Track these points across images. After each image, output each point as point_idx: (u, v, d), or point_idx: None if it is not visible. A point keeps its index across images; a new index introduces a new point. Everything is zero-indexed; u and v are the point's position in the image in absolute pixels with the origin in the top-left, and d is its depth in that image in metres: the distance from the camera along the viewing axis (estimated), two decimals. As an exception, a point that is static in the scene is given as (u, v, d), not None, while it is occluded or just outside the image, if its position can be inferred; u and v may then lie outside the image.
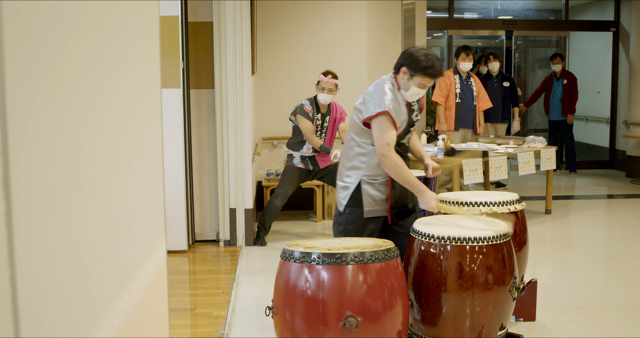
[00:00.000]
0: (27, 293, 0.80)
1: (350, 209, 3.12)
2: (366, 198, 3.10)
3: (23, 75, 0.79)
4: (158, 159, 1.65)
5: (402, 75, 3.03)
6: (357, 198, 3.11)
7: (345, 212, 3.14)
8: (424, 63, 2.95)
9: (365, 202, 3.10)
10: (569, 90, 8.48)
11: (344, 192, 3.15)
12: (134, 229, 1.36)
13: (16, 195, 0.77)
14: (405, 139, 3.16)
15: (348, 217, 3.13)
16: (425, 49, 3.03)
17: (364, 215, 3.10)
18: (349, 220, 3.13)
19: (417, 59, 2.97)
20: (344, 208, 3.15)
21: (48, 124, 0.87)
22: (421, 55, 2.98)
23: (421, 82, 2.99)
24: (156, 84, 1.63)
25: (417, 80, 2.98)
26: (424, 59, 2.96)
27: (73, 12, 0.97)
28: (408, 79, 3.01)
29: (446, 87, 6.68)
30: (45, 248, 0.86)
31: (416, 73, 2.97)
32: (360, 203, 3.11)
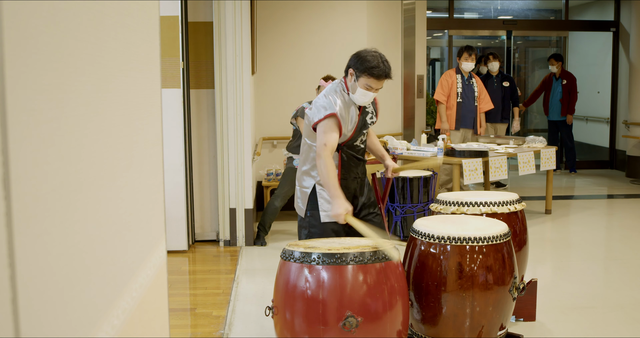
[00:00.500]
0: (27, 293, 0.80)
1: (310, 212, 3.09)
2: (321, 201, 3.06)
3: (23, 75, 0.79)
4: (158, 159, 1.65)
5: (349, 77, 2.99)
6: (313, 202, 3.07)
7: (307, 215, 3.11)
8: (368, 63, 2.90)
9: (320, 205, 3.06)
10: (568, 91, 8.48)
11: (303, 196, 3.12)
12: (134, 229, 1.36)
13: (16, 195, 0.77)
14: (358, 140, 3.11)
15: (310, 220, 3.10)
16: (374, 51, 2.98)
17: (322, 219, 3.05)
18: (311, 223, 3.10)
19: (363, 59, 2.92)
20: (304, 212, 3.11)
21: (48, 124, 0.87)
22: (368, 55, 2.93)
23: (366, 83, 2.92)
24: (156, 84, 1.63)
25: (362, 81, 2.92)
26: (370, 59, 2.90)
27: (73, 12, 0.97)
28: (355, 80, 2.95)
29: (448, 86, 6.68)
30: (45, 248, 0.86)
31: (361, 74, 2.91)
32: (316, 206, 3.06)
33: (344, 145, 3.05)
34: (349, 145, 3.07)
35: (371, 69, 2.89)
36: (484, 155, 5.51)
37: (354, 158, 3.10)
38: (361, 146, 3.15)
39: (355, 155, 3.11)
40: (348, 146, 3.07)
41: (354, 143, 3.09)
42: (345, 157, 3.07)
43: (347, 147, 3.07)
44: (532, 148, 6.14)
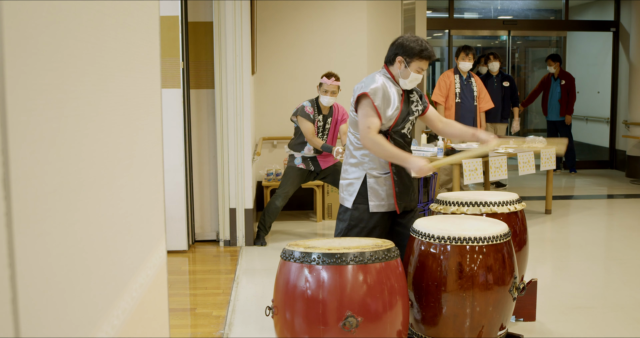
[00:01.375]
0: (27, 293, 0.80)
1: (356, 205, 3.14)
2: (372, 192, 3.12)
3: (23, 75, 0.79)
4: (158, 159, 1.65)
5: (397, 65, 3.10)
6: (363, 194, 3.13)
7: (350, 208, 3.15)
8: (417, 48, 3.06)
9: (370, 197, 3.12)
10: (567, 91, 8.48)
11: (350, 188, 3.17)
12: (134, 229, 1.36)
13: (16, 195, 0.77)
14: (405, 129, 3.16)
15: (352, 213, 3.15)
16: (413, 35, 3.13)
17: (370, 210, 3.12)
18: (353, 216, 3.14)
19: (409, 46, 3.07)
20: (351, 204, 3.15)
21: (48, 124, 0.87)
22: (412, 41, 3.08)
23: (419, 66, 3.08)
24: (156, 84, 1.63)
25: (414, 65, 3.07)
26: (416, 44, 3.06)
27: (73, 12, 0.97)
28: (405, 66, 3.08)
29: (446, 87, 6.68)
30: (45, 248, 0.86)
31: (412, 59, 3.06)
32: (366, 199, 3.13)
33: (391, 130, 3.09)
34: (397, 132, 3.11)
35: (421, 52, 3.07)
36: (484, 155, 5.51)
37: (403, 145, 3.14)
38: (408, 136, 3.20)
39: (403, 142, 3.15)
40: (396, 132, 3.11)
41: (402, 131, 3.13)
42: (395, 143, 3.11)
43: (395, 133, 3.11)
44: (532, 148, 6.14)
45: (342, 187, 3.23)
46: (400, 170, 3.12)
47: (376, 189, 3.12)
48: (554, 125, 8.71)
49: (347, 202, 3.18)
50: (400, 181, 3.13)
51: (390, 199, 3.14)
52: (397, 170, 3.11)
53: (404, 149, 3.15)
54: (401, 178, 3.13)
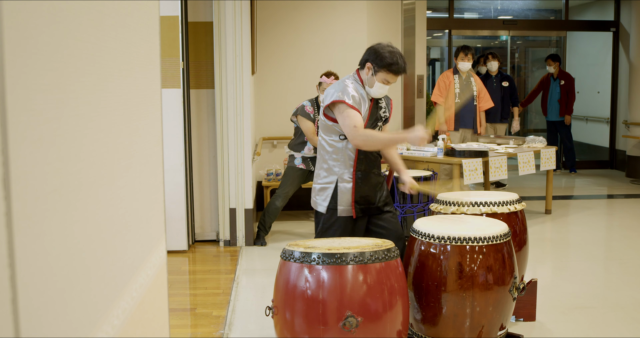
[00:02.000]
0: (27, 293, 0.80)
1: (329, 210, 3.12)
2: (341, 196, 3.10)
3: (23, 75, 0.79)
4: (158, 159, 1.65)
5: (366, 71, 3.07)
6: (335, 198, 3.11)
7: (327, 211, 3.13)
8: (387, 60, 3.00)
9: (339, 201, 3.10)
10: (566, 91, 8.48)
11: (323, 193, 3.14)
12: (134, 229, 1.36)
13: (16, 195, 0.77)
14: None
15: (325, 216, 3.14)
16: (390, 46, 3.07)
17: (337, 214, 3.10)
18: (325, 220, 3.13)
19: (381, 56, 3.01)
20: (325, 208, 3.13)
21: (48, 124, 0.87)
22: (386, 51, 3.02)
23: (384, 78, 3.03)
24: (156, 84, 1.63)
25: (380, 76, 3.03)
26: (389, 56, 3.00)
27: (73, 12, 0.97)
28: (372, 74, 3.05)
29: (445, 87, 6.68)
30: (45, 248, 0.86)
31: (380, 69, 3.02)
32: (336, 203, 3.11)
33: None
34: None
35: (390, 66, 3.00)
36: (484, 155, 5.51)
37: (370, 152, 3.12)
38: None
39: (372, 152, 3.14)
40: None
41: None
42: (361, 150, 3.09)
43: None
44: (532, 148, 6.14)
45: (315, 191, 3.19)
46: (366, 174, 3.10)
47: (345, 193, 3.09)
48: (553, 125, 8.71)
49: (321, 206, 3.15)
50: (363, 185, 3.09)
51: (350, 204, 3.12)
52: (362, 174, 3.09)
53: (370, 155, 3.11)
54: (365, 182, 3.10)
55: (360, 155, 3.08)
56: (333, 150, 3.12)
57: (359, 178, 3.09)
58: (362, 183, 3.10)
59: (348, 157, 3.09)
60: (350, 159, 3.08)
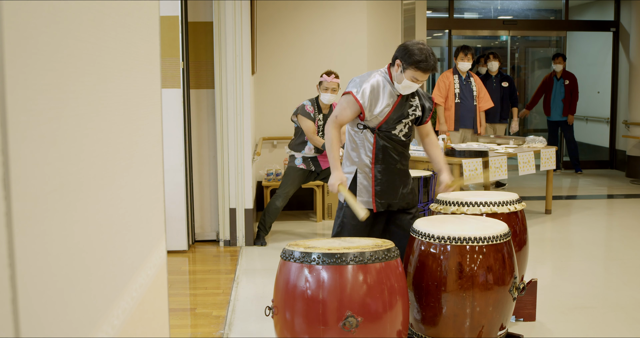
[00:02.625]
0: (27, 293, 0.80)
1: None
2: (360, 189, 3.12)
3: (23, 75, 0.79)
4: (158, 159, 1.65)
5: (396, 68, 3.08)
6: (353, 190, 3.13)
7: (344, 205, 3.15)
8: (416, 57, 2.98)
9: (359, 193, 3.12)
10: (570, 91, 8.48)
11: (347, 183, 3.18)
12: (134, 229, 1.36)
13: (16, 195, 0.77)
14: (397, 130, 3.14)
15: (345, 210, 3.15)
16: (421, 44, 3.06)
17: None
18: (345, 213, 3.14)
19: (410, 52, 3.01)
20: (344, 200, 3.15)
21: (48, 124, 0.87)
22: (415, 49, 3.01)
23: (413, 76, 3.02)
24: (156, 84, 1.63)
25: (409, 73, 3.02)
26: (418, 53, 2.99)
27: (73, 12, 0.97)
28: (401, 71, 3.05)
29: (445, 88, 6.68)
30: (45, 248, 0.86)
31: (409, 66, 3.00)
32: (355, 193, 3.12)
33: (378, 128, 3.09)
34: (385, 132, 3.10)
35: (419, 63, 2.99)
36: (484, 155, 5.51)
37: (391, 146, 3.12)
38: (401, 138, 3.17)
39: (393, 145, 3.14)
40: (384, 132, 3.10)
41: (392, 131, 3.12)
42: (381, 142, 3.10)
43: (382, 132, 3.10)
44: (532, 148, 6.14)
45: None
46: (387, 167, 3.11)
47: (365, 185, 3.12)
48: (556, 125, 8.69)
49: (341, 196, 3.17)
50: (383, 178, 3.11)
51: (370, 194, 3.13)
52: (382, 168, 3.10)
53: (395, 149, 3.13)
54: (385, 176, 3.11)
55: (378, 146, 3.10)
56: (352, 140, 3.16)
57: (377, 171, 3.10)
58: (382, 176, 3.11)
59: (367, 148, 3.11)
60: (369, 150, 3.11)
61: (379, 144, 3.09)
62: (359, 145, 3.13)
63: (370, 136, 3.10)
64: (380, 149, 3.10)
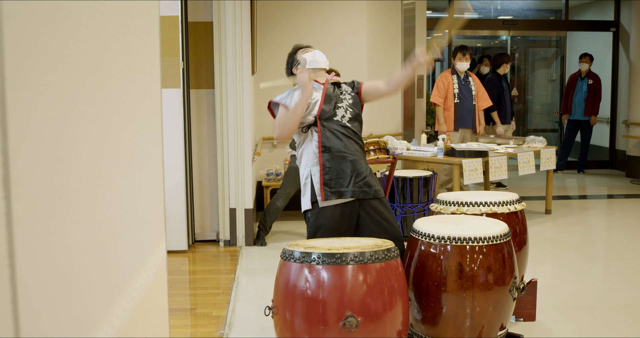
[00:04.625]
0: (27, 293, 0.80)
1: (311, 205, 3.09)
2: (316, 186, 3.07)
3: (23, 75, 0.79)
4: (158, 159, 1.65)
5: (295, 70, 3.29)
6: (312, 191, 3.09)
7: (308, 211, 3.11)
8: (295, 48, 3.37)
9: (316, 191, 3.06)
10: (593, 91, 8.50)
11: (304, 189, 3.13)
12: (134, 229, 1.36)
13: (16, 195, 0.77)
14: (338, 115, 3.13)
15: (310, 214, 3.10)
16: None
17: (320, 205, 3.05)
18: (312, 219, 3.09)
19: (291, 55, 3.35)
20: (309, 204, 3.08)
21: (48, 124, 0.87)
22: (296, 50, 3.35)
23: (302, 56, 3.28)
24: (156, 84, 1.63)
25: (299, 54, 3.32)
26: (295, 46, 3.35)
27: (73, 12, 0.97)
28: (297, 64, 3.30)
29: (444, 88, 6.67)
30: (45, 248, 0.86)
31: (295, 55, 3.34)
32: (314, 194, 3.07)
33: (319, 117, 3.09)
34: (327, 119, 3.10)
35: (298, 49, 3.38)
36: (484, 155, 5.51)
37: (337, 133, 3.09)
38: (345, 123, 3.12)
39: (341, 131, 3.10)
40: (325, 119, 3.10)
41: (333, 117, 3.11)
42: (326, 131, 3.08)
43: (324, 119, 3.10)
44: (532, 148, 6.14)
45: (302, 193, 3.17)
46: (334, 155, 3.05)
47: (316, 180, 3.07)
48: (576, 124, 8.67)
49: (304, 205, 3.12)
50: (331, 167, 3.04)
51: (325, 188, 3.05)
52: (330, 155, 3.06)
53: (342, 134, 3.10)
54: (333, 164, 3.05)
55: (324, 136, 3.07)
56: (301, 147, 3.16)
57: (325, 159, 3.05)
58: (330, 164, 3.05)
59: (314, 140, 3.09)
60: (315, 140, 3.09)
61: (324, 134, 3.07)
62: (308, 146, 3.11)
63: (314, 131, 3.10)
64: (326, 138, 3.06)
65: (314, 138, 3.10)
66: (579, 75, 8.59)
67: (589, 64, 8.49)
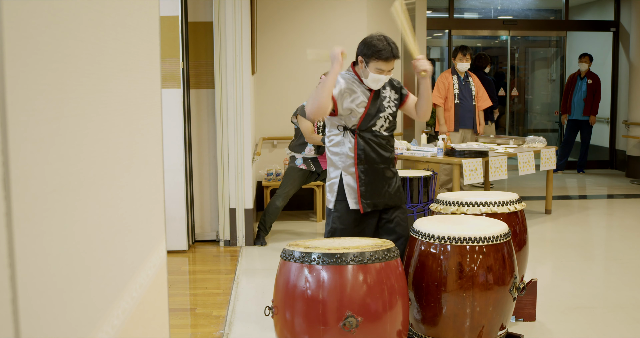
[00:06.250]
0: (27, 293, 0.80)
1: (337, 206, 3.13)
2: (348, 190, 3.11)
3: (23, 75, 0.79)
4: (158, 159, 1.65)
5: (360, 65, 3.07)
6: (342, 192, 3.11)
7: (335, 208, 3.14)
8: (374, 47, 2.98)
9: (347, 195, 3.10)
10: (592, 91, 8.50)
11: (332, 188, 3.17)
12: (134, 229, 1.36)
13: (16, 195, 0.77)
14: (377, 126, 3.12)
15: (334, 214, 3.14)
16: (379, 35, 3.04)
17: (349, 207, 3.10)
18: (335, 218, 3.14)
19: (369, 44, 3.00)
20: (333, 204, 3.15)
21: (48, 124, 0.87)
22: (373, 40, 3.01)
23: (377, 67, 3.00)
24: (156, 84, 1.63)
25: (372, 65, 3.00)
26: (376, 43, 2.98)
27: (73, 12, 0.97)
28: (365, 66, 3.03)
29: (444, 88, 6.67)
30: (45, 248, 0.86)
31: (370, 59, 3.00)
32: (344, 197, 3.11)
33: (359, 127, 3.07)
34: (366, 131, 3.08)
35: (378, 53, 2.97)
36: (484, 155, 5.52)
37: (373, 144, 3.10)
38: (383, 133, 3.14)
39: (376, 141, 3.11)
40: (364, 131, 3.08)
41: (372, 128, 3.10)
42: (362, 142, 3.08)
43: (363, 131, 3.08)
44: (532, 148, 6.14)
45: (327, 189, 3.21)
46: (369, 167, 3.09)
47: (352, 187, 3.10)
48: (576, 124, 8.68)
49: (330, 203, 3.17)
50: (367, 179, 3.09)
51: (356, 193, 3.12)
52: (364, 168, 3.09)
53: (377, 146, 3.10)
54: (369, 176, 3.10)
55: (360, 147, 3.08)
56: (333, 143, 3.14)
57: (361, 171, 3.09)
58: (366, 177, 3.09)
59: (348, 149, 3.09)
60: (350, 150, 3.09)
61: (360, 145, 3.08)
62: (341, 149, 3.11)
63: (351, 138, 3.08)
64: (362, 150, 3.08)
65: (350, 143, 3.09)
66: (579, 75, 8.59)
67: (588, 64, 8.49)
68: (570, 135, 8.72)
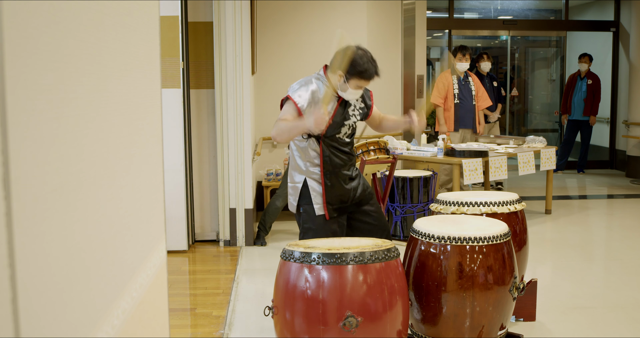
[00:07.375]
0: (27, 293, 0.80)
1: (302, 208, 3.11)
2: (313, 194, 3.08)
3: (23, 75, 0.79)
4: (158, 159, 1.65)
5: (338, 78, 3.00)
6: (306, 196, 3.09)
7: (300, 212, 3.13)
8: (359, 67, 2.94)
9: (313, 199, 3.08)
10: (592, 91, 8.50)
11: (294, 192, 3.14)
12: (134, 229, 1.36)
13: (16, 195, 0.77)
14: (341, 133, 3.10)
15: (302, 216, 3.13)
16: (360, 50, 3.01)
17: (315, 213, 3.08)
18: (303, 220, 3.12)
19: (352, 63, 2.95)
20: (295, 208, 3.13)
21: (48, 124, 0.87)
22: (357, 58, 2.96)
23: (357, 85, 2.99)
24: (156, 84, 1.63)
25: (353, 82, 2.98)
26: (359, 63, 2.95)
27: (73, 12, 0.97)
28: (344, 81, 2.99)
29: (444, 88, 6.67)
30: (45, 248, 0.86)
31: (352, 76, 2.97)
32: (309, 201, 3.09)
33: (323, 135, 3.04)
34: (330, 137, 3.06)
35: (362, 73, 2.95)
36: (484, 155, 5.52)
37: (337, 151, 3.09)
38: (346, 140, 3.13)
39: (340, 148, 3.10)
40: (329, 137, 3.06)
41: (336, 135, 3.08)
42: (327, 149, 3.06)
43: (327, 137, 3.05)
44: (532, 148, 6.14)
45: (290, 191, 3.18)
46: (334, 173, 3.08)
47: (318, 191, 3.08)
48: (576, 124, 8.69)
49: (292, 206, 3.16)
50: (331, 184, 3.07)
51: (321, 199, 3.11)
52: (329, 174, 3.07)
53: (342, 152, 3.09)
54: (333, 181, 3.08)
55: (325, 154, 3.06)
56: (298, 148, 3.12)
57: (327, 178, 3.07)
58: (332, 184, 3.08)
59: (313, 156, 3.07)
60: (315, 157, 3.07)
61: (325, 154, 3.05)
62: (306, 155, 3.09)
63: (315, 145, 3.05)
64: (327, 157, 3.06)
65: (314, 151, 3.07)
66: (579, 75, 8.60)
67: (588, 64, 8.50)
68: (570, 135, 8.72)
